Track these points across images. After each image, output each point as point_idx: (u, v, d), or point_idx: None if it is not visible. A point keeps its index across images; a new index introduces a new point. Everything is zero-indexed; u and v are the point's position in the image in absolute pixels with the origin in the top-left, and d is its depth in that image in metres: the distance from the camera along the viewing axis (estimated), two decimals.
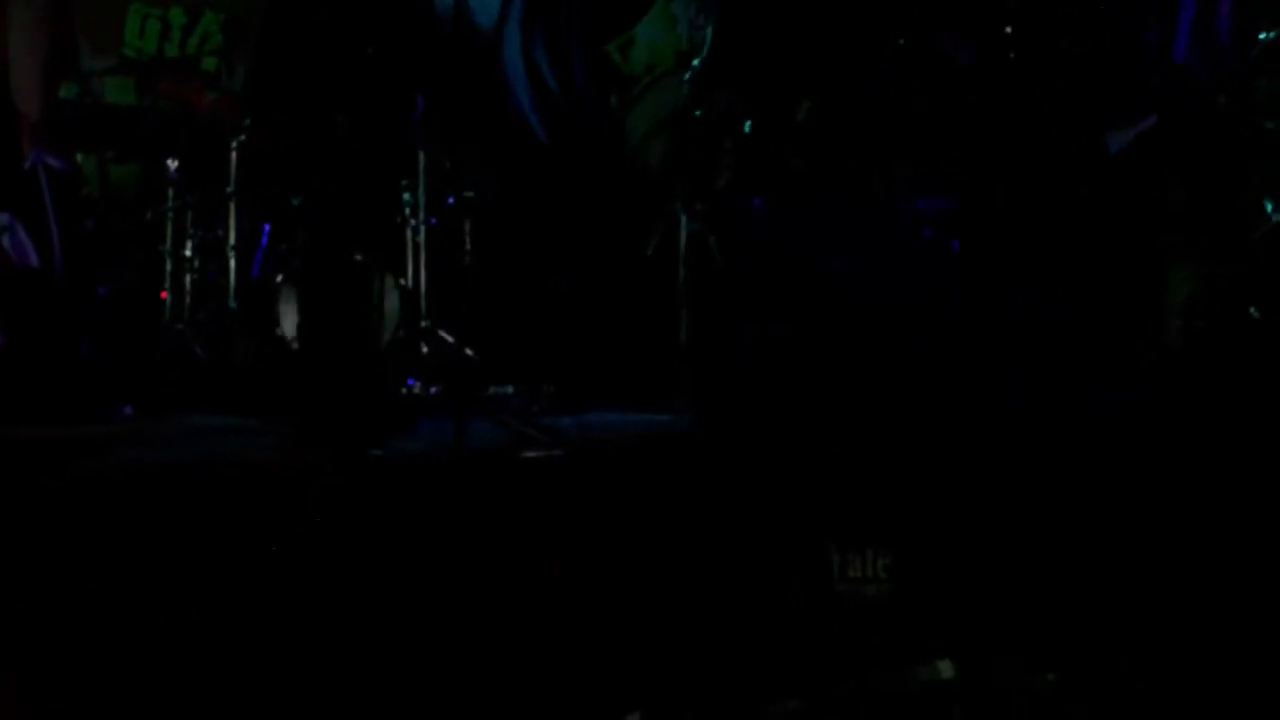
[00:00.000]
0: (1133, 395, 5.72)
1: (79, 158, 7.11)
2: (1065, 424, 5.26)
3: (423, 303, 6.97)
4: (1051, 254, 6.40)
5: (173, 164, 7.34)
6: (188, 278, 7.25)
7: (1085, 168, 6.46)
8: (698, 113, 7.11)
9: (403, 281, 6.95)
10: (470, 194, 7.40)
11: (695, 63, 7.18)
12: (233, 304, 7.05)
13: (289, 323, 6.61)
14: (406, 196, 7.14)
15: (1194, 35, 6.17)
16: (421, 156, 7.12)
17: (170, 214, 7.31)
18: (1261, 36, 7.99)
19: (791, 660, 3.79)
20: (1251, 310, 6.04)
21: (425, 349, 6.78)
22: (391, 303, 6.78)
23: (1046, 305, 6.19)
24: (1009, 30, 7.10)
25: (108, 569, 4.05)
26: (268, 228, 7.18)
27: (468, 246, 7.35)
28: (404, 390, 6.34)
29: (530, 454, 4.94)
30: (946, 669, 3.65)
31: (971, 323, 5.88)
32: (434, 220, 7.16)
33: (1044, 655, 3.74)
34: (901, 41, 6.98)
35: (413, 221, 7.11)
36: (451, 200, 7.31)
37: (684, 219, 7.23)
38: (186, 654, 3.91)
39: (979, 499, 4.34)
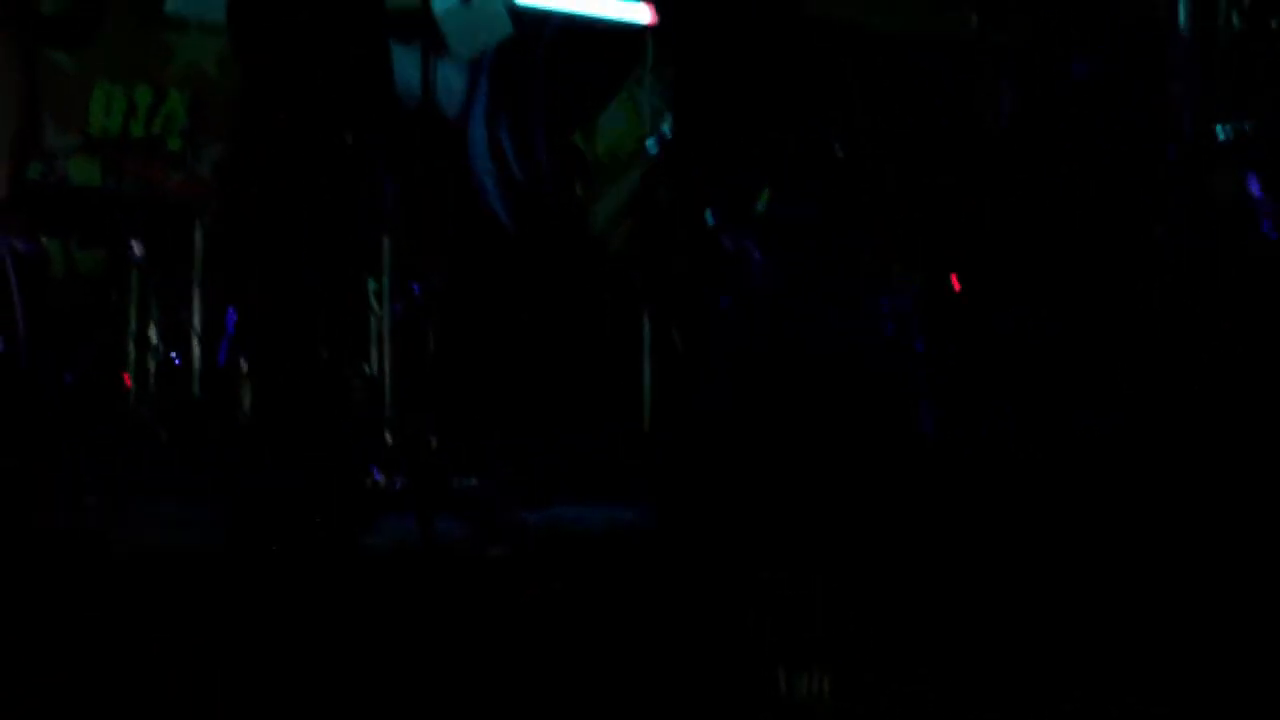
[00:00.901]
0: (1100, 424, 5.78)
1: (44, 240, 7.10)
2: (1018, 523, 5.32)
3: (386, 392, 6.98)
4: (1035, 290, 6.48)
5: (138, 246, 7.34)
6: (151, 362, 7.24)
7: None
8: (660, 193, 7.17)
9: (366, 370, 6.95)
10: (436, 282, 7.42)
11: (657, 137, 7.23)
12: (196, 390, 7.05)
13: (253, 410, 6.60)
14: (371, 284, 7.15)
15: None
16: (386, 243, 7.15)
17: (135, 297, 7.32)
18: (1219, 129, 8.13)
19: None
20: None
21: (389, 439, 6.77)
22: (355, 392, 6.78)
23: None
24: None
25: (63, 658, 4.03)
26: (233, 313, 7.19)
27: (432, 335, 7.35)
28: (367, 482, 6.33)
29: (494, 552, 4.95)
30: None
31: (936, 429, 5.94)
32: (398, 308, 7.17)
33: None
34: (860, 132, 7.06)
35: (377, 309, 7.12)
36: (417, 288, 7.32)
37: (646, 305, 7.29)
38: None
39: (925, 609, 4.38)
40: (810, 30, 9.44)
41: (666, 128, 7.19)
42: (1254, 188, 6.47)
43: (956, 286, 6.99)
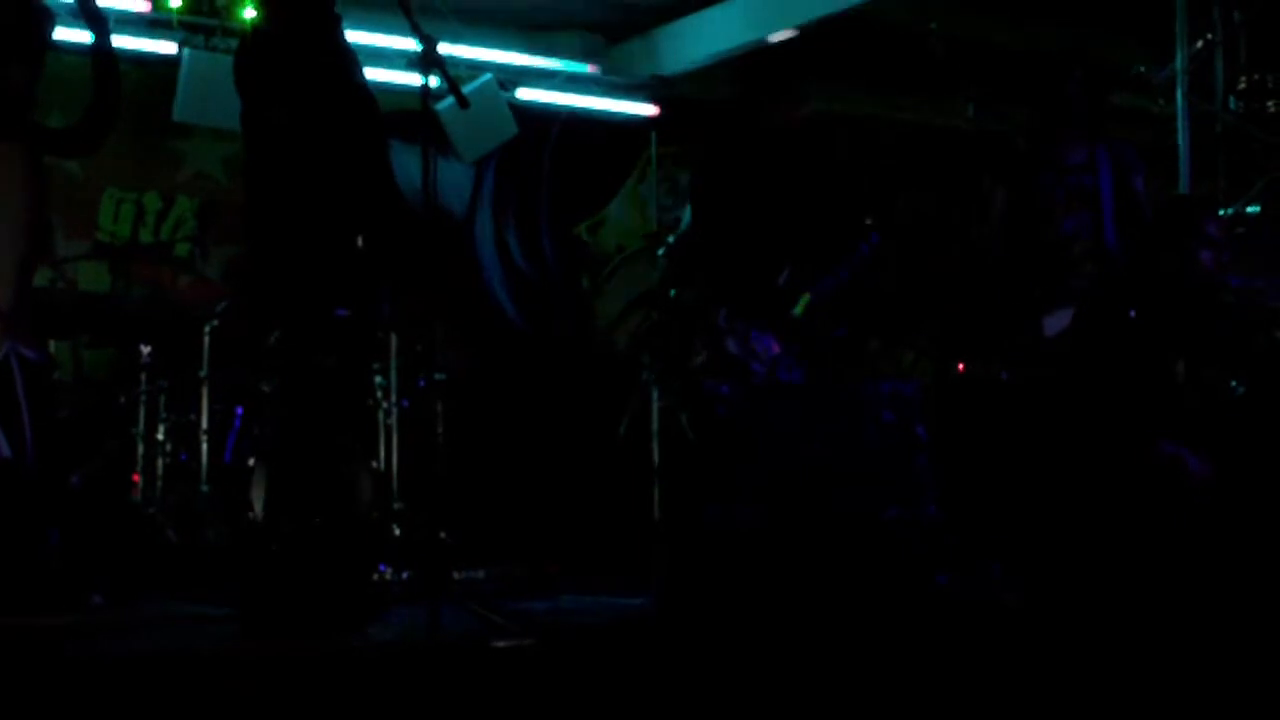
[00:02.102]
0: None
1: (52, 344, 7.14)
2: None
3: (394, 485, 6.99)
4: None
5: (146, 349, 7.40)
6: (160, 461, 7.28)
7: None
8: (672, 293, 7.18)
9: (374, 464, 6.95)
10: (442, 375, 7.44)
11: (670, 239, 7.24)
12: (205, 487, 7.07)
13: (261, 506, 6.60)
14: (379, 379, 7.18)
15: (1118, 218, 6.33)
16: (394, 339, 7.19)
17: (143, 397, 7.36)
18: (1220, 213, 8.15)
19: None
20: None
21: (397, 532, 6.77)
22: (363, 486, 6.78)
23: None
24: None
25: None
26: (240, 411, 7.22)
27: (440, 428, 7.36)
28: (375, 575, 6.32)
29: (501, 644, 4.93)
30: None
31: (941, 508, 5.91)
32: (406, 402, 7.20)
33: None
34: (869, 221, 7.09)
35: (384, 404, 7.15)
36: (423, 382, 7.35)
37: (656, 397, 7.29)
38: None
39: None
40: (813, 125, 9.54)
41: (684, 224, 7.19)
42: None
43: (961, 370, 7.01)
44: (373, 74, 5.92)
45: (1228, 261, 6.11)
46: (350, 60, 5.68)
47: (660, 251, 7.37)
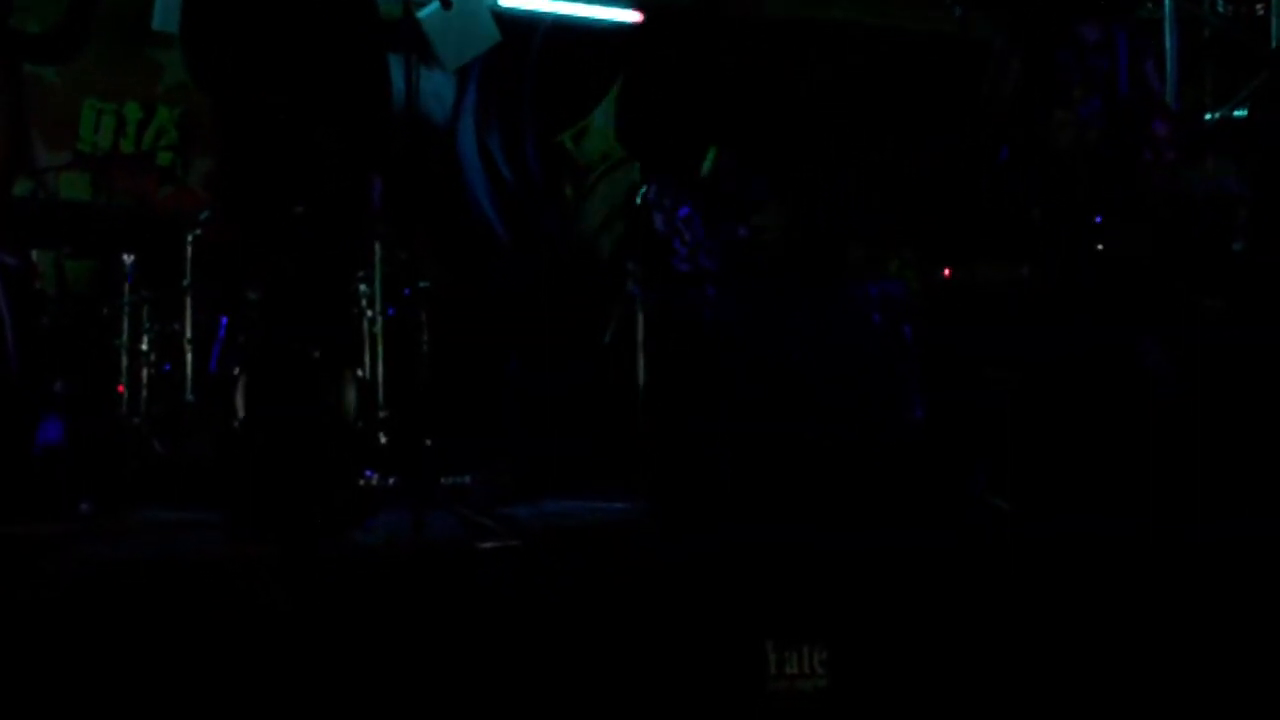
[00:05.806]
0: None
1: (34, 254, 7.12)
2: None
3: (380, 393, 6.98)
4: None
5: (128, 258, 7.36)
6: (144, 371, 7.25)
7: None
8: (641, 190, 7.16)
9: (360, 372, 6.95)
10: (426, 284, 7.42)
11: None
12: (190, 397, 7.06)
13: (244, 414, 6.60)
14: (363, 288, 7.15)
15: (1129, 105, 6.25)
16: (378, 247, 7.15)
17: (126, 308, 7.33)
18: (1207, 117, 8.12)
19: None
20: None
21: (383, 439, 6.78)
22: (348, 394, 6.78)
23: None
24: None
25: (61, 667, 4.03)
26: (224, 321, 7.20)
27: (425, 336, 7.35)
28: (361, 481, 6.33)
29: (487, 545, 4.95)
30: None
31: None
32: (391, 311, 7.18)
33: None
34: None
35: (369, 312, 7.12)
36: (408, 291, 7.33)
37: (641, 306, 7.29)
38: None
39: (921, 594, 4.36)
40: (775, 30, 9.44)
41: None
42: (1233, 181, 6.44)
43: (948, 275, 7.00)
44: None
45: (1172, 160, 6.04)
46: None
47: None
